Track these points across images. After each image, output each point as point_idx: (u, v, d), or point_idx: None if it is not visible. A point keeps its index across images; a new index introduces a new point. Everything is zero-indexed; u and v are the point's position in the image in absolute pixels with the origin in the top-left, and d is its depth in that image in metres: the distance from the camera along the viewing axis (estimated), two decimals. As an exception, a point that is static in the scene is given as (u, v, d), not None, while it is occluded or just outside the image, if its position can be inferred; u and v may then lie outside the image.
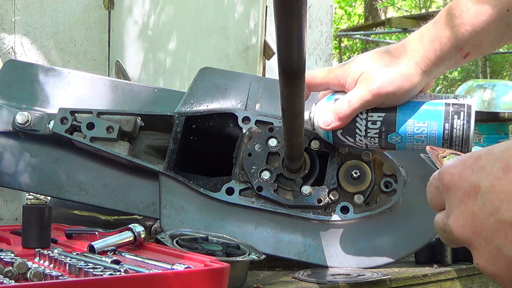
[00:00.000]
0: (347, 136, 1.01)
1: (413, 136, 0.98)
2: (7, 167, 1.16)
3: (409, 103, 0.99)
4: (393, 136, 0.99)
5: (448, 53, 0.97)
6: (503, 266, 0.52)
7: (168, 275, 0.76)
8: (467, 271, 1.11)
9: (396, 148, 1.01)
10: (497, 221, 0.51)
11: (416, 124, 0.98)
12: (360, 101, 0.97)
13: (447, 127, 0.97)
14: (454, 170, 0.56)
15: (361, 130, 1.00)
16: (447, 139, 0.97)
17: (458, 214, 0.54)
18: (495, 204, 0.52)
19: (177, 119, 1.14)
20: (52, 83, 1.21)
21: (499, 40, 0.98)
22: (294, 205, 1.09)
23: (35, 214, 0.92)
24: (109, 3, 4.00)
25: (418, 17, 9.47)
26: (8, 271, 0.74)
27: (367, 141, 1.01)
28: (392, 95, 0.97)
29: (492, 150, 0.54)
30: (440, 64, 0.98)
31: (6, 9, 3.64)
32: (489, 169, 0.53)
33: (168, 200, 1.11)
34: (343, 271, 1.05)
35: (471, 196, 0.53)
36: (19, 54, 3.67)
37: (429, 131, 0.98)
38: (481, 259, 0.53)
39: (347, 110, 0.98)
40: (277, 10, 0.68)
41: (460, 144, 0.97)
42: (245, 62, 4.05)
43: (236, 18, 4.10)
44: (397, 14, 13.54)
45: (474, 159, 0.54)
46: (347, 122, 0.99)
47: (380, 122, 0.99)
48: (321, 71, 1.03)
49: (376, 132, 1.00)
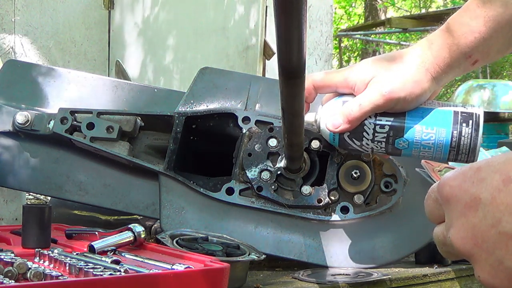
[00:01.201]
0: (354, 139, 1.01)
1: (420, 143, 0.98)
2: (7, 167, 1.16)
3: (417, 109, 0.99)
4: (401, 142, 0.99)
5: (457, 60, 0.97)
6: (505, 279, 0.52)
7: (168, 275, 0.76)
8: (467, 271, 1.11)
9: (401, 153, 1.00)
10: (498, 233, 0.51)
11: (425, 130, 0.98)
12: (371, 105, 0.97)
13: (455, 135, 0.97)
14: (454, 182, 0.55)
15: (369, 134, 0.99)
16: (454, 147, 0.97)
17: (458, 226, 0.54)
18: (496, 216, 0.51)
19: (177, 119, 1.14)
20: (52, 83, 1.21)
21: (507, 47, 0.98)
22: (294, 205, 1.09)
23: (35, 214, 0.91)
24: (109, 3, 4.00)
25: (418, 17, 9.48)
26: (8, 271, 0.74)
27: (373, 145, 1.00)
28: (403, 100, 0.97)
29: (491, 161, 0.54)
30: (449, 71, 0.98)
31: (6, 9, 3.64)
32: (489, 180, 0.52)
33: (168, 200, 1.11)
34: (343, 271, 1.05)
35: (471, 208, 0.53)
36: (19, 54, 3.68)
37: (437, 137, 0.97)
38: (482, 271, 0.53)
39: (357, 113, 0.97)
40: (277, 10, 0.68)
41: (467, 152, 0.97)
42: (245, 62, 4.05)
43: (236, 18, 4.10)
44: (397, 14, 13.55)
45: (474, 171, 0.54)
46: (356, 125, 0.99)
47: (388, 127, 0.99)
48: (329, 73, 1.03)
49: (384, 137, 0.99)
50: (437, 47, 0.97)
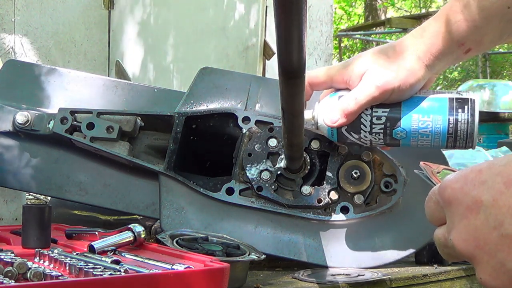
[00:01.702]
0: (352, 133, 1.01)
1: (418, 131, 0.99)
2: (7, 167, 1.16)
3: (413, 98, 1.00)
4: (398, 131, 0.99)
5: (449, 48, 0.97)
6: (506, 281, 0.52)
7: (168, 275, 0.76)
8: (467, 271, 1.11)
9: (400, 144, 1.01)
10: (501, 235, 0.51)
11: (421, 118, 0.98)
12: (367, 97, 0.98)
13: (451, 121, 0.97)
14: (456, 185, 0.55)
15: (366, 126, 1.00)
16: (452, 133, 0.98)
17: (460, 228, 0.54)
18: (498, 218, 0.51)
19: (177, 119, 1.14)
20: (52, 83, 1.21)
21: (499, 37, 0.98)
22: (294, 205, 1.09)
23: (35, 214, 0.91)
24: (109, 3, 4.00)
25: (418, 17, 9.47)
26: (8, 271, 0.74)
27: (371, 137, 1.01)
28: (398, 90, 0.97)
29: (493, 164, 0.54)
30: (442, 59, 0.98)
31: (6, 9, 3.64)
32: (490, 183, 0.52)
33: (168, 200, 1.11)
34: (343, 271, 1.05)
35: (473, 211, 0.53)
36: (19, 54, 3.67)
37: (434, 125, 0.98)
38: (484, 273, 0.53)
39: (353, 106, 0.98)
40: (277, 10, 0.68)
41: (465, 138, 0.97)
42: (245, 62, 4.04)
43: (236, 18, 4.09)
44: (397, 14, 13.54)
45: (476, 173, 0.54)
46: (353, 119, 1.00)
47: (385, 118, 0.99)
48: (323, 70, 1.04)
49: (381, 128, 1.00)
50: (430, 35, 0.98)
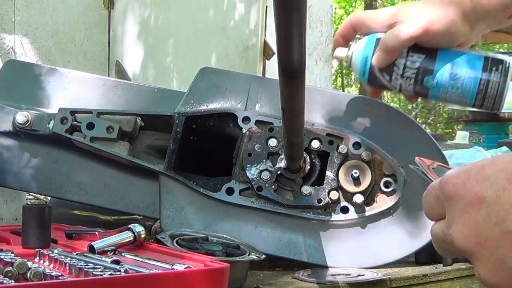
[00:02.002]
0: (384, 73, 1.02)
1: (449, 83, 1.00)
2: (7, 167, 1.16)
3: (449, 50, 1.01)
4: (430, 80, 1.00)
5: (494, 10, 1.00)
6: (506, 277, 0.52)
7: (168, 275, 0.76)
8: (467, 271, 1.11)
9: (429, 94, 1.02)
10: (502, 232, 0.51)
11: (455, 70, 0.99)
12: (409, 35, 1.00)
13: (484, 77, 0.99)
14: (458, 180, 0.55)
15: (399, 68, 1.01)
16: (482, 90, 0.98)
17: (460, 224, 0.54)
18: (500, 215, 0.51)
19: (177, 119, 1.14)
20: (52, 83, 1.21)
21: None
22: (294, 205, 1.09)
23: (35, 214, 0.91)
24: (109, 3, 4.00)
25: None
26: (8, 271, 0.74)
27: (402, 81, 1.02)
28: (440, 35, 0.99)
29: (496, 160, 0.54)
30: (485, 19, 1.00)
31: (6, 9, 3.64)
32: (493, 179, 0.52)
33: (168, 200, 1.11)
34: (343, 271, 1.05)
35: (475, 206, 0.53)
36: (19, 54, 3.67)
37: (466, 79, 0.99)
38: (483, 270, 0.53)
39: (394, 42, 1.00)
40: (277, 9, 0.68)
41: (493, 97, 0.98)
42: (245, 62, 4.04)
43: (236, 18, 4.09)
44: (397, 14, 13.53)
45: (478, 168, 0.54)
46: (392, 56, 1.01)
47: (419, 63, 1.01)
48: (368, 12, 1.06)
49: (414, 72, 1.01)
50: None
